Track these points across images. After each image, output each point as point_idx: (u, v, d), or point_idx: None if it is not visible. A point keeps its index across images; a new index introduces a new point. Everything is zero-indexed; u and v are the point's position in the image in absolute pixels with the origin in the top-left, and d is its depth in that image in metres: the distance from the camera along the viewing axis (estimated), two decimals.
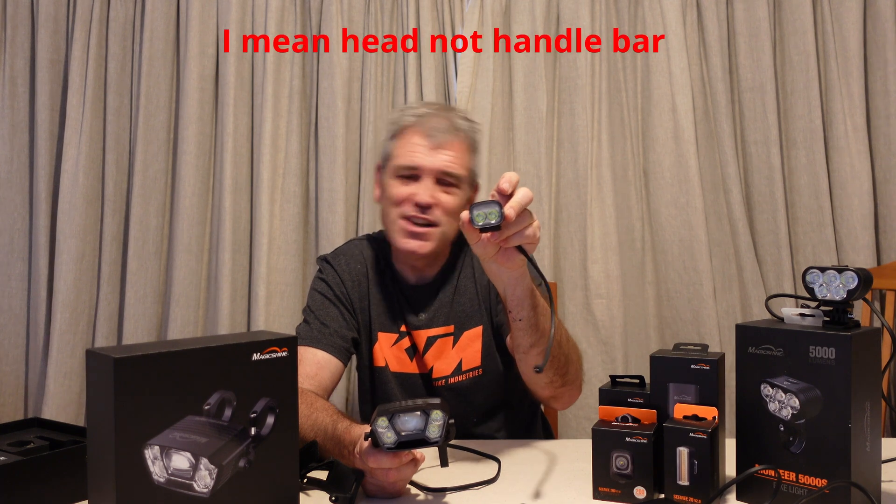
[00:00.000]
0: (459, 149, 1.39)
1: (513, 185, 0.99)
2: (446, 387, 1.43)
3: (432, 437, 0.95)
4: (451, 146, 1.37)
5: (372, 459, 0.97)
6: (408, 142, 1.38)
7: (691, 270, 2.04)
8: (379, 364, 1.45)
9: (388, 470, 0.98)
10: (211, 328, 2.08)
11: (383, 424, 0.95)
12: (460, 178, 1.38)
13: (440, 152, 1.36)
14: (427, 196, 1.35)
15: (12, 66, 2.09)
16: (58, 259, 2.04)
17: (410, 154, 1.37)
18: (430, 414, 0.95)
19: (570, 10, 2.09)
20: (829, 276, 0.95)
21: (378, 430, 0.95)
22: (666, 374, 1.02)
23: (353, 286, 1.46)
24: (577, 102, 2.07)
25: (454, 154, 1.37)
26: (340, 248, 1.54)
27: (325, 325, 1.41)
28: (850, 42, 2.01)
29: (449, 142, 1.37)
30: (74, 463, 1.01)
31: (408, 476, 1.01)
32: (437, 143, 1.36)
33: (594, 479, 1.01)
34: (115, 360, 0.80)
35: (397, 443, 0.95)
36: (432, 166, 1.36)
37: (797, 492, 0.93)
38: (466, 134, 1.41)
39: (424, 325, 1.44)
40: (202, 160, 2.11)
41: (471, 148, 1.42)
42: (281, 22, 2.10)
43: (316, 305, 1.44)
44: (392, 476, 0.99)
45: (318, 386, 1.33)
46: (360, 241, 1.53)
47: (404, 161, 1.38)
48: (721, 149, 2.08)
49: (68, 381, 2.03)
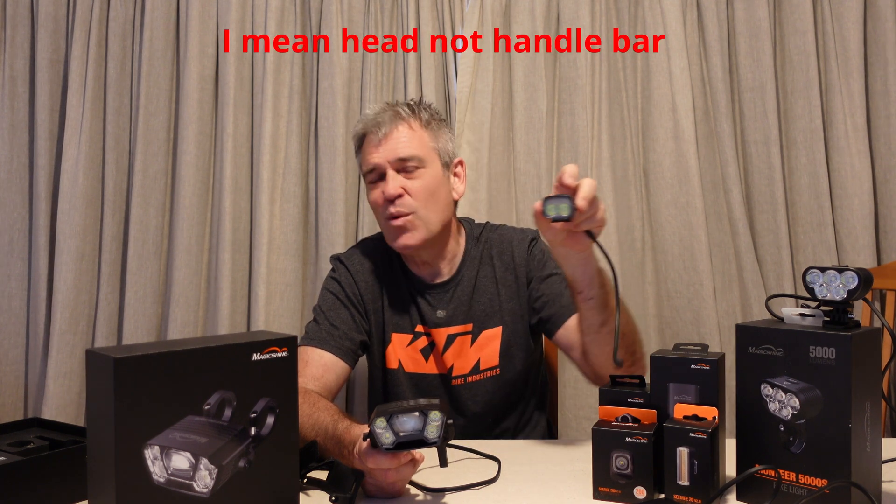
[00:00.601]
0: (406, 131, 1.39)
1: (575, 178, 1.05)
2: (465, 385, 1.43)
3: (431, 438, 0.95)
4: (395, 132, 1.38)
5: (371, 460, 0.97)
6: (364, 149, 1.42)
7: (691, 270, 2.03)
8: (392, 366, 1.45)
9: (386, 471, 0.98)
10: (211, 328, 2.08)
11: (381, 425, 0.95)
12: (420, 159, 1.38)
13: (388, 142, 1.37)
14: (391, 188, 1.36)
15: (12, 66, 2.09)
16: (58, 259, 2.04)
17: (366, 157, 1.40)
18: (428, 414, 0.95)
19: (570, 10, 2.08)
20: (830, 276, 0.95)
21: (376, 430, 0.95)
22: (666, 374, 1.02)
23: (365, 287, 1.46)
24: (577, 102, 2.07)
25: (403, 139, 1.38)
26: (354, 247, 1.54)
27: (335, 326, 1.41)
28: (850, 42, 2.01)
29: (394, 128, 1.38)
30: (74, 463, 1.01)
31: (407, 476, 1.01)
32: (381, 137, 1.38)
33: (594, 479, 1.01)
34: (115, 360, 0.80)
35: (395, 443, 0.95)
36: (386, 158, 1.37)
37: (797, 492, 0.93)
38: (412, 115, 1.41)
39: (444, 322, 1.43)
40: (202, 160, 2.11)
41: (424, 125, 1.42)
42: (281, 22, 2.10)
43: (327, 306, 1.44)
44: (391, 477, 0.99)
45: (324, 387, 1.33)
46: (374, 241, 1.53)
47: (364, 167, 1.42)
48: (721, 149, 2.08)
49: (68, 381, 2.03)
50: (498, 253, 1.47)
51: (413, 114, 1.41)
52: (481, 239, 1.50)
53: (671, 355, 1.03)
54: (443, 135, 1.45)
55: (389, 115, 1.39)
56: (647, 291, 2.12)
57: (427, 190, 1.38)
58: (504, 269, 1.46)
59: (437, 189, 1.40)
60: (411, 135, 1.39)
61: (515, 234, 1.50)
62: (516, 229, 1.53)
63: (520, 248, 1.47)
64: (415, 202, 1.37)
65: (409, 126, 1.40)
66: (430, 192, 1.38)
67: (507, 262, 1.46)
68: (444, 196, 1.42)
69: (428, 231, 1.39)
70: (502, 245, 1.48)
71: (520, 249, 1.47)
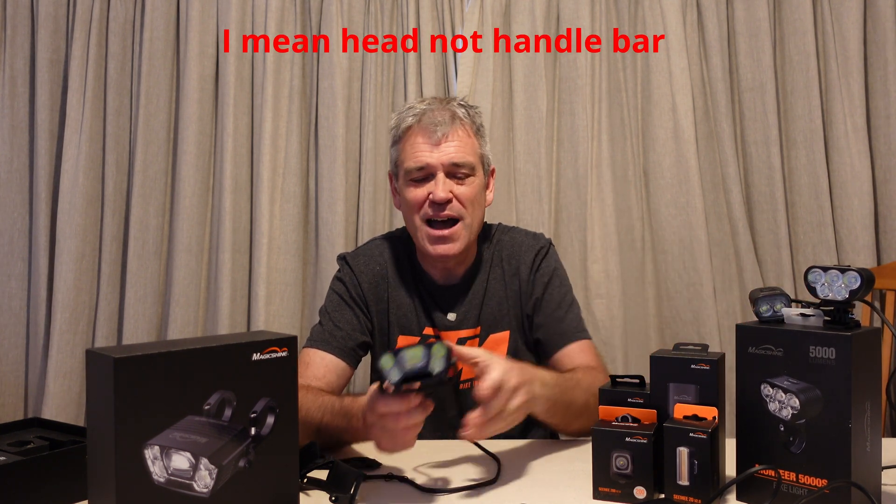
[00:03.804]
0: (463, 134, 1.36)
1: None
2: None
3: (436, 370, 0.96)
4: (454, 136, 1.35)
5: (381, 403, 0.98)
6: (411, 143, 1.37)
7: (691, 270, 2.03)
8: None
9: (398, 415, 0.98)
10: (211, 328, 2.08)
11: (388, 362, 0.96)
12: (472, 166, 1.36)
13: (445, 145, 1.34)
14: (442, 192, 1.32)
15: (12, 66, 2.09)
16: (58, 259, 2.04)
17: (416, 155, 1.35)
18: (431, 348, 0.97)
19: (570, 10, 2.08)
20: (832, 276, 0.94)
21: (383, 368, 0.96)
22: (666, 374, 1.02)
23: (369, 288, 1.45)
24: (577, 102, 2.07)
25: (459, 143, 1.35)
26: (361, 247, 1.53)
27: (338, 327, 1.41)
28: (850, 42, 2.01)
29: (452, 132, 1.35)
30: (74, 463, 1.01)
31: (418, 421, 1.01)
32: (439, 137, 1.34)
33: (594, 479, 1.01)
34: (115, 360, 0.80)
35: (403, 378, 0.96)
36: (440, 161, 1.34)
37: (797, 492, 0.93)
38: (468, 119, 1.38)
39: (455, 326, 1.42)
40: (202, 160, 2.11)
41: (475, 132, 1.40)
42: (281, 22, 2.10)
43: (332, 307, 1.44)
44: (402, 421, 0.99)
45: (326, 387, 1.34)
46: (381, 241, 1.51)
47: (412, 163, 1.36)
48: (721, 149, 2.08)
49: (68, 381, 2.03)
50: (507, 257, 1.46)
51: (469, 117, 1.39)
52: (493, 241, 1.48)
53: (671, 355, 1.03)
54: (487, 142, 1.44)
55: (447, 116, 1.35)
56: (647, 291, 2.12)
57: (473, 198, 1.36)
58: (512, 274, 1.45)
59: (480, 197, 1.39)
60: (467, 141, 1.37)
61: (525, 242, 1.48)
62: (528, 235, 1.50)
63: (526, 260, 1.45)
64: (463, 209, 1.35)
65: (466, 131, 1.37)
66: (475, 200, 1.36)
67: (514, 270, 1.45)
68: (483, 204, 1.42)
69: (468, 240, 1.38)
70: (512, 250, 1.46)
71: (525, 263, 1.45)
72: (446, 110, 1.37)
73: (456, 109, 1.38)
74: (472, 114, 1.41)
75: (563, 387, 1.19)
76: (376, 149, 2.10)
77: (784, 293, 1.00)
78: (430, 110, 1.37)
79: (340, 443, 1.23)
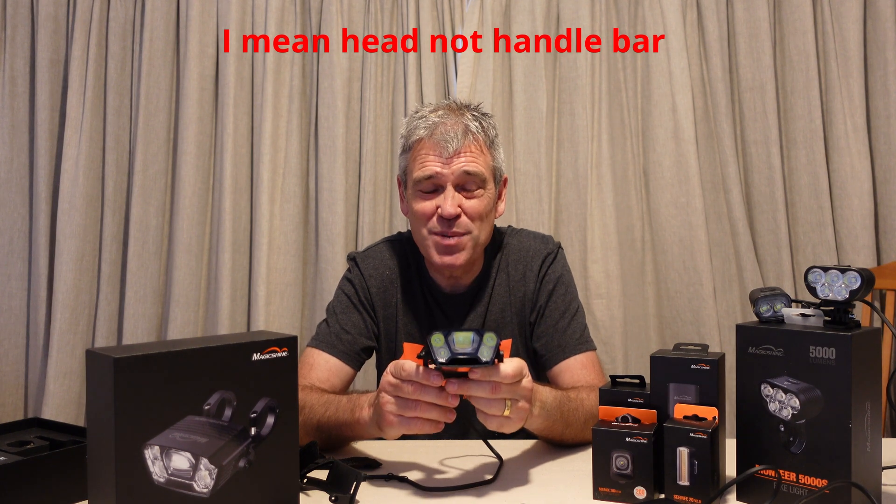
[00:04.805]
0: (476, 150, 1.33)
1: None
2: None
3: (484, 358, 0.96)
4: (466, 151, 1.32)
5: (425, 374, 0.98)
6: (422, 155, 1.34)
7: (691, 270, 2.03)
8: None
9: (420, 386, 0.99)
10: (211, 328, 2.08)
11: (439, 341, 0.96)
12: (483, 181, 1.34)
13: (456, 159, 1.31)
14: (451, 207, 1.30)
15: (12, 66, 2.09)
16: (58, 259, 2.04)
17: (426, 166, 1.32)
18: (483, 335, 0.97)
19: (570, 10, 2.09)
20: (832, 276, 0.94)
21: (433, 346, 0.96)
22: (666, 374, 1.02)
23: (377, 292, 1.44)
24: (577, 102, 2.07)
25: (470, 157, 1.32)
26: (371, 249, 1.50)
27: (345, 330, 1.40)
28: (850, 42, 2.01)
29: (464, 148, 1.32)
30: (74, 463, 1.01)
31: (452, 407, 1.01)
32: (451, 153, 1.31)
33: (594, 479, 1.01)
34: (115, 360, 0.80)
35: (450, 360, 0.96)
36: (450, 175, 1.31)
37: (797, 492, 0.93)
38: (481, 133, 1.35)
39: None
40: (202, 160, 2.11)
41: (488, 144, 1.37)
42: (281, 22, 2.10)
43: (340, 308, 1.44)
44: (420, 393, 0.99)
45: (330, 389, 1.34)
46: (391, 245, 1.49)
47: (421, 174, 1.33)
48: (721, 149, 2.08)
49: (68, 381, 2.03)
50: (514, 262, 1.44)
51: (482, 130, 1.36)
52: (501, 245, 1.46)
53: (671, 355, 1.03)
54: (500, 153, 1.41)
55: (460, 130, 1.32)
56: (647, 291, 2.12)
57: (482, 211, 1.34)
58: (517, 280, 1.43)
59: (490, 210, 1.37)
60: (479, 155, 1.34)
61: (533, 246, 1.45)
62: (536, 238, 1.47)
63: (533, 266, 1.43)
64: (470, 223, 1.33)
65: (479, 146, 1.34)
66: (484, 214, 1.35)
67: (520, 276, 1.43)
68: (492, 217, 1.40)
69: (475, 251, 1.36)
70: (519, 255, 1.45)
71: (532, 269, 1.43)
72: (459, 123, 1.33)
73: (469, 122, 1.34)
74: (486, 126, 1.37)
75: (563, 409, 1.17)
76: (376, 149, 2.10)
77: (784, 293, 1.00)
78: (443, 123, 1.33)
79: (341, 440, 1.23)
